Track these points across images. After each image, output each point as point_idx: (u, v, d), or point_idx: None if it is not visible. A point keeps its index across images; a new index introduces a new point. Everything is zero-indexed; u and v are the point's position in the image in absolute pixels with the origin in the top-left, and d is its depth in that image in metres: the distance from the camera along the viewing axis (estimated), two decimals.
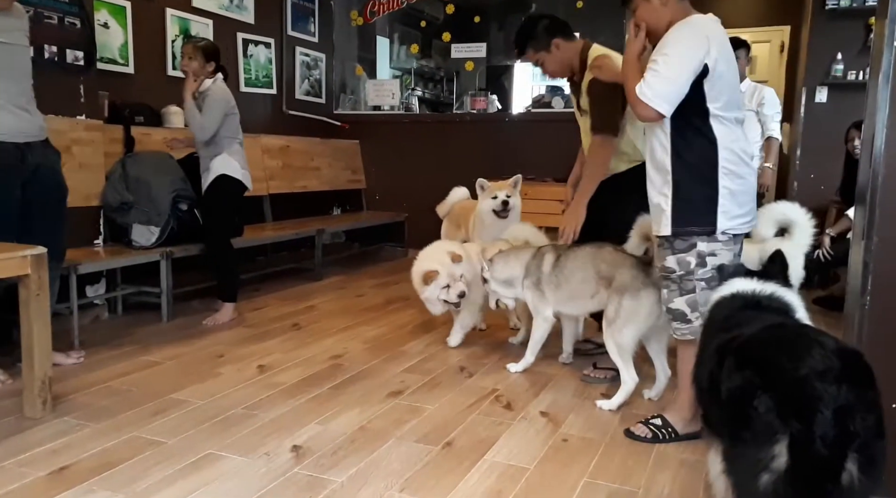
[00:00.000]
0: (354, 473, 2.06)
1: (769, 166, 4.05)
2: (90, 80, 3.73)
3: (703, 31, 2.11)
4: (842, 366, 1.28)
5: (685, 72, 2.07)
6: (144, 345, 3.29)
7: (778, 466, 1.26)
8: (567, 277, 2.79)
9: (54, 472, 2.02)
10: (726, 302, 1.83)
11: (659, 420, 2.37)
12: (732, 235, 2.18)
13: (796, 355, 1.32)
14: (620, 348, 2.58)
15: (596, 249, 2.74)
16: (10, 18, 2.62)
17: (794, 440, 1.25)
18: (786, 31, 7.03)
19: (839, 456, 1.23)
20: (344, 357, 3.19)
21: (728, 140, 2.14)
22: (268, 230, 4.86)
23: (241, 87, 5.18)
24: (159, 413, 2.47)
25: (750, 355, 1.43)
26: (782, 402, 1.28)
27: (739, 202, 2.16)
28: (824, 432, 1.22)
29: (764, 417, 1.29)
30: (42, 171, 2.74)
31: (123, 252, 3.62)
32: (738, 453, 1.36)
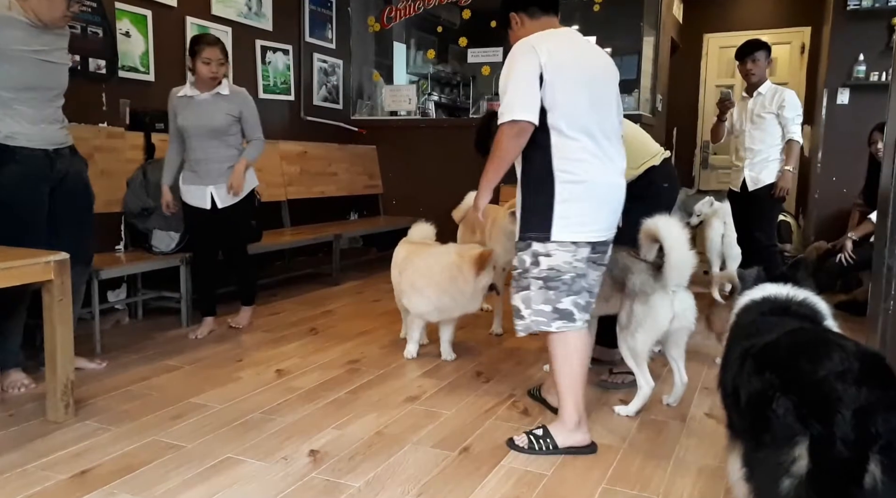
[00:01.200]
0: (371, 477, 2.06)
1: (789, 169, 4.00)
2: (112, 87, 3.79)
3: (530, 42, 2.19)
4: (861, 367, 1.27)
5: (525, 78, 2.14)
6: (164, 349, 3.33)
7: (799, 470, 1.24)
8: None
9: (76, 475, 2.05)
10: (754, 306, 1.79)
11: (541, 431, 2.30)
12: (573, 242, 2.20)
13: (815, 358, 1.30)
14: (634, 353, 2.55)
15: (612, 254, 2.71)
16: (59, 38, 2.69)
17: (815, 442, 1.23)
18: (806, 33, 6.95)
19: (861, 458, 1.21)
20: (361, 362, 3.20)
21: (566, 151, 2.18)
22: (286, 235, 4.89)
23: (260, 93, 5.23)
24: (179, 417, 2.50)
25: (769, 359, 1.41)
26: (802, 403, 1.27)
27: (581, 211, 2.19)
28: (845, 434, 1.20)
29: (783, 419, 1.27)
30: (70, 178, 2.79)
31: (144, 257, 3.66)
32: (759, 458, 1.35)
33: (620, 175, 2.31)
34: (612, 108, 2.32)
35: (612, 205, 2.29)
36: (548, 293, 2.23)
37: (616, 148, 2.31)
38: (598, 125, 2.23)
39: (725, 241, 4.94)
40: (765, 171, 4.05)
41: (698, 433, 2.44)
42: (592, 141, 2.21)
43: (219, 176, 3.46)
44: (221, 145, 3.45)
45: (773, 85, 4.10)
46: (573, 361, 2.26)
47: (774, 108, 4.01)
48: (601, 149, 2.24)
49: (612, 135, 2.30)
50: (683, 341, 2.62)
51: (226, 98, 3.43)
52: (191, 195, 3.49)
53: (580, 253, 2.22)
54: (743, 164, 4.15)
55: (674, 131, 6.90)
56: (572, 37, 2.35)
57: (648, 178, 2.88)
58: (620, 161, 2.33)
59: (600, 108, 2.26)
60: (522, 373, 3.07)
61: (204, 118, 3.38)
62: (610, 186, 2.26)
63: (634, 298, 2.54)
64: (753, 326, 1.68)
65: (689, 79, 7.45)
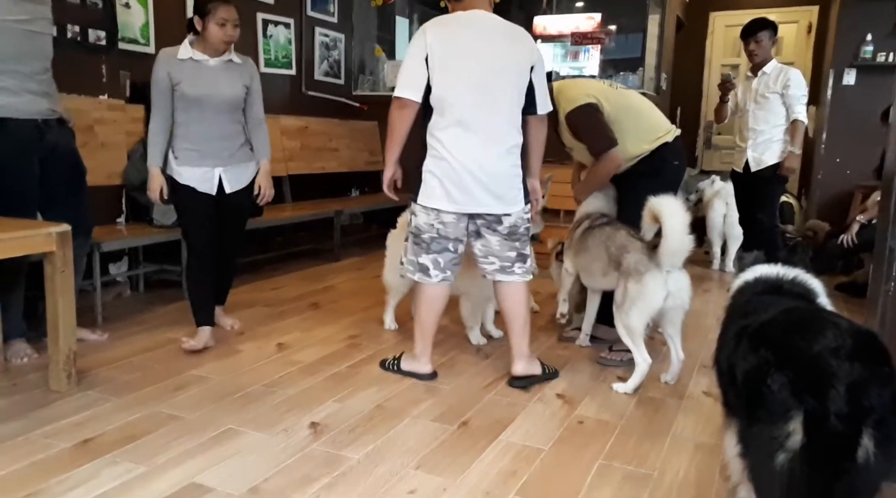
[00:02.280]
0: (371, 450, 2.09)
1: (794, 151, 3.98)
2: (112, 59, 3.76)
3: (424, 26, 2.48)
4: (855, 344, 1.28)
5: (412, 59, 2.44)
6: (166, 322, 3.34)
7: (793, 445, 1.26)
8: (585, 249, 2.89)
9: (79, 443, 2.07)
10: (749, 287, 1.82)
11: (399, 355, 2.79)
12: (434, 208, 2.49)
13: (810, 335, 1.32)
14: (629, 331, 2.59)
15: (612, 231, 2.78)
16: (40, 6, 2.64)
17: (809, 416, 1.25)
18: (814, 12, 6.86)
19: (854, 432, 1.23)
20: (361, 337, 3.21)
21: (435, 128, 2.47)
22: (287, 211, 4.89)
23: (261, 67, 5.18)
24: (180, 389, 2.52)
25: (764, 336, 1.43)
26: (796, 379, 1.29)
27: (441, 183, 2.47)
28: (838, 408, 1.22)
29: (778, 394, 1.29)
30: (60, 149, 2.78)
31: (145, 230, 3.67)
32: (754, 433, 1.37)
33: (490, 158, 2.45)
34: (499, 92, 2.45)
35: (480, 183, 2.44)
36: (414, 247, 2.60)
37: (496, 131, 2.45)
38: (476, 108, 2.41)
39: (727, 222, 4.94)
40: (768, 151, 4.03)
41: (695, 411, 2.46)
42: (465, 122, 2.42)
43: (230, 156, 2.96)
44: (233, 120, 2.99)
45: (778, 64, 4.07)
46: (424, 308, 2.65)
47: (779, 88, 3.98)
48: (474, 130, 2.43)
49: (496, 118, 2.45)
50: (679, 319, 2.65)
51: (238, 67, 2.98)
52: (192, 178, 2.90)
53: (443, 218, 2.50)
54: (746, 145, 4.13)
55: (678, 111, 6.85)
56: (475, 21, 2.48)
57: (661, 154, 2.91)
58: (494, 145, 2.45)
59: (484, 92, 2.42)
60: None
61: (221, 87, 2.90)
62: (476, 165, 2.43)
63: (629, 277, 2.60)
64: (749, 305, 1.70)
65: (694, 58, 7.37)
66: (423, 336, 2.67)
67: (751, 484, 1.47)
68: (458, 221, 2.53)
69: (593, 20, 6.06)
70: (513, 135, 2.50)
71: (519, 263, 2.61)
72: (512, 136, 2.50)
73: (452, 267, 2.62)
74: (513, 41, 2.49)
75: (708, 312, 3.71)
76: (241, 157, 3.02)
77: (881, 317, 1.90)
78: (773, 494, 1.34)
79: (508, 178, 2.50)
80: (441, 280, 2.61)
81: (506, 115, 2.47)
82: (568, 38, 6.10)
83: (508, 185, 2.50)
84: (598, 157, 2.85)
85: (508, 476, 1.96)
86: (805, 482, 1.27)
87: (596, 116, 2.82)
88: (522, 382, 2.64)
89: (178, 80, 2.85)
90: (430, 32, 2.44)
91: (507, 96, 2.46)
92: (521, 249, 2.61)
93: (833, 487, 1.26)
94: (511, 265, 2.61)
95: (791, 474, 1.27)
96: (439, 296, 2.65)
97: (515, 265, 2.61)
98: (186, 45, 2.90)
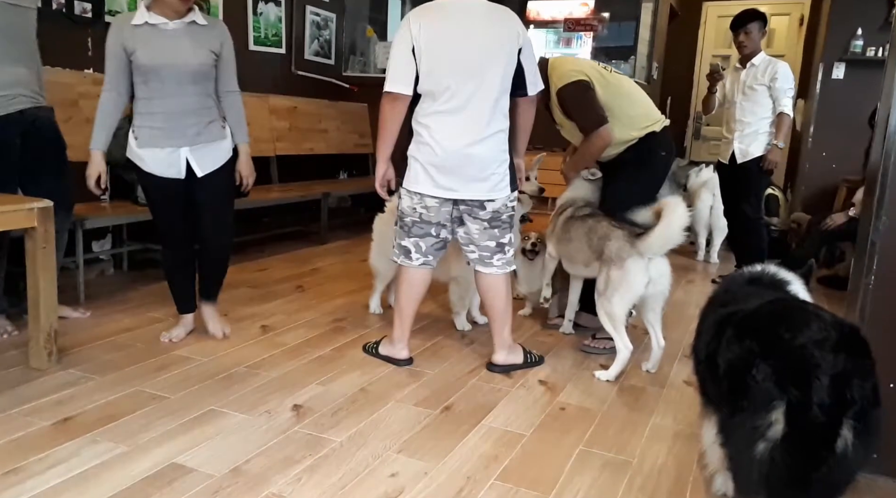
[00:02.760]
0: (354, 432, 2.09)
1: (777, 144, 3.99)
2: (98, 32, 3.68)
3: (408, 16, 2.47)
4: (839, 336, 1.31)
5: (398, 52, 2.43)
6: (149, 301, 3.32)
7: (774, 434, 1.29)
8: (567, 239, 2.90)
9: (59, 422, 2.06)
10: (727, 279, 1.85)
11: (380, 339, 2.81)
12: (417, 193, 2.51)
13: (795, 326, 1.34)
14: (611, 317, 2.61)
15: (594, 223, 2.78)
16: None
17: (792, 407, 1.28)
18: (806, 4, 6.87)
19: (835, 422, 1.26)
20: (346, 320, 3.21)
21: (420, 114, 2.48)
22: (274, 192, 4.85)
23: (251, 45, 5.12)
24: (163, 369, 2.50)
25: (749, 327, 1.44)
26: (780, 369, 1.31)
27: (424, 169, 2.48)
28: (821, 399, 1.25)
29: (762, 384, 1.31)
30: (40, 123, 2.73)
31: (129, 209, 3.63)
32: (736, 423, 1.39)
33: (474, 144, 2.43)
34: (486, 77, 2.41)
35: (464, 168, 2.44)
36: (399, 231, 2.64)
37: (482, 116, 2.43)
38: (462, 94, 2.40)
39: (713, 213, 4.96)
40: (754, 143, 4.04)
41: (676, 400, 2.49)
42: (451, 108, 2.42)
43: (196, 135, 2.60)
44: (200, 93, 2.60)
45: (767, 57, 4.07)
46: (404, 291, 2.67)
47: (767, 80, 3.99)
48: (459, 116, 2.42)
49: (482, 103, 2.42)
50: (660, 306, 2.68)
51: (204, 30, 2.58)
52: (155, 162, 2.58)
53: (426, 202, 2.51)
54: (733, 137, 4.14)
55: (668, 100, 6.85)
56: (459, 7, 2.44)
57: (648, 144, 2.91)
58: (479, 131, 2.43)
59: (469, 78, 2.40)
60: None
61: (182, 55, 2.51)
62: (457, 153, 2.43)
63: (611, 264, 2.61)
64: (727, 295, 1.74)
65: (686, 47, 7.37)
66: (402, 321, 2.68)
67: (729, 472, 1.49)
68: (441, 206, 2.53)
69: (587, 7, 6.04)
70: (499, 120, 2.48)
71: (499, 255, 2.59)
72: (498, 122, 2.48)
73: (434, 252, 2.63)
74: (498, 24, 2.45)
75: (691, 303, 3.74)
76: (210, 135, 2.64)
77: (861, 310, 1.92)
78: (751, 481, 1.36)
79: (494, 163, 2.48)
80: (422, 264, 2.62)
81: (492, 101, 2.44)
82: (561, 24, 6.07)
83: (493, 171, 2.48)
84: (588, 135, 2.83)
85: (490, 461, 1.97)
86: (784, 470, 1.29)
87: (588, 94, 2.80)
88: (501, 369, 2.65)
89: (133, 49, 2.48)
90: (415, 22, 2.41)
91: (493, 81, 2.43)
92: (501, 237, 2.58)
93: (811, 475, 1.29)
94: (490, 256, 2.59)
95: (771, 463, 1.30)
96: (419, 280, 2.65)
97: (495, 257, 2.59)
98: (142, 9, 2.51)
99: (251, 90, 4.95)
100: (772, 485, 1.32)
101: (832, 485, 1.31)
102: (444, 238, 2.62)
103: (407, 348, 2.71)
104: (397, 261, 2.66)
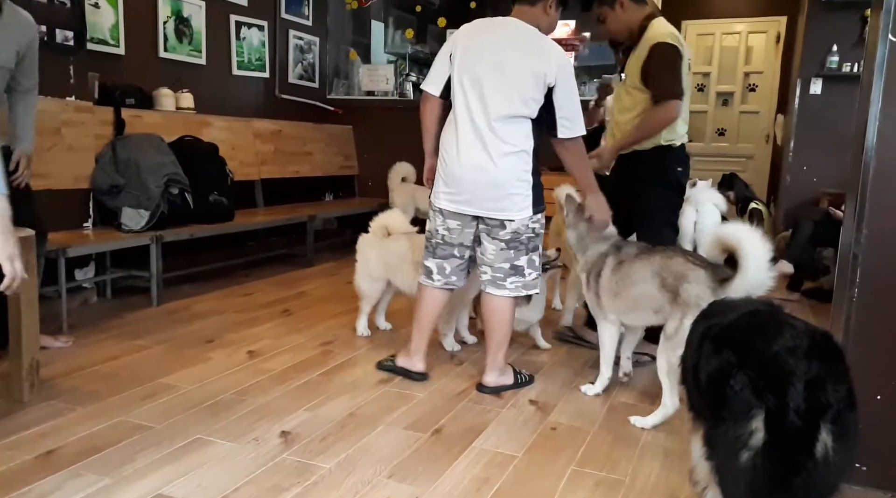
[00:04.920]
0: (343, 459, 2.07)
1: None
2: (80, 60, 3.68)
3: (462, 27, 2.56)
4: (811, 343, 1.34)
5: (439, 57, 2.56)
6: (133, 329, 3.28)
7: (756, 443, 1.32)
8: (631, 283, 2.48)
9: (41, 455, 2.02)
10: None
11: (393, 355, 2.83)
12: (439, 209, 2.57)
13: (769, 336, 1.37)
14: (671, 368, 2.28)
15: (664, 259, 2.40)
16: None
17: (770, 414, 1.30)
18: (782, 22, 7.02)
19: (813, 427, 1.28)
20: (334, 344, 3.19)
21: (446, 130, 2.57)
22: (259, 215, 4.83)
23: (234, 69, 5.13)
24: (147, 398, 2.47)
25: (726, 339, 1.47)
26: (757, 378, 1.33)
27: (444, 183, 2.55)
28: (797, 404, 1.27)
29: (741, 394, 1.34)
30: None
31: (113, 235, 3.59)
32: (719, 434, 1.41)
33: (493, 160, 2.43)
34: (502, 96, 2.41)
35: (478, 185, 2.46)
36: (425, 250, 2.69)
37: (497, 134, 2.42)
38: (477, 111, 2.43)
39: (697, 228, 4.99)
40: None
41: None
42: (466, 124, 2.46)
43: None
44: None
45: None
46: (423, 308, 2.71)
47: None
48: (472, 133, 2.45)
49: (497, 121, 2.42)
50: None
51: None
52: None
53: (448, 224, 2.56)
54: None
55: None
56: (501, 26, 2.50)
57: (668, 158, 2.86)
58: (496, 147, 2.43)
59: (485, 96, 2.43)
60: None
61: None
62: (474, 167, 2.45)
63: (687, 310, 2.24)
64: (711, 307, 1.78)
65: None
66: (420, 334, 2.71)
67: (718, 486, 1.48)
68: (464, 227, 2.55)
69: (568, 27, 6.11)
70: (517, 139, 2.43)
71: (512, 277, 2.54)
72: (516, 141, 2.43)
73: (459, 273, 2.66)
74: (532, 54, 2.42)
75: None
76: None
77: (846, 322, 1.93)
78: (738, 492, 1.37)
79: (510, 183, 2.44)
80: (444, 285, 2.67)
81: (508, 119, 2.41)
82: None
83: (510, 191, 2.45)
84: (658, 103, 2.73)
85: (481, 483, 1.95)
86: (766, 478, 1.32)
87: (678, 61, 2.74)
88: (491, 391, 2.63)
89: None
90: (461, 31, 2.52)
91: (513, 103, 2.40)
92: (516, 259, 2.53)
93: (792, 480, 1.30)
94: (503, 278, 2.54)
95: (753, 471, 1.31)
96: (438, 299, 2.70)
97: (508, 279, 2.54)
98: None
99: (235, 114, 4.97)
100: (756, 493, 1.33)
101: (815, 490, 1.33)
102: (468, 258, 2.63)
103: (423, 362, 2.73)
104: (420, 279, 2.71)
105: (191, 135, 4.28)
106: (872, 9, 1.87)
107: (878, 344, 1.88)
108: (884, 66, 1.79)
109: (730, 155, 7.30)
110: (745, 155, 7.34)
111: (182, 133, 4.24)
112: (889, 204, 1.85)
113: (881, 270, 1.87)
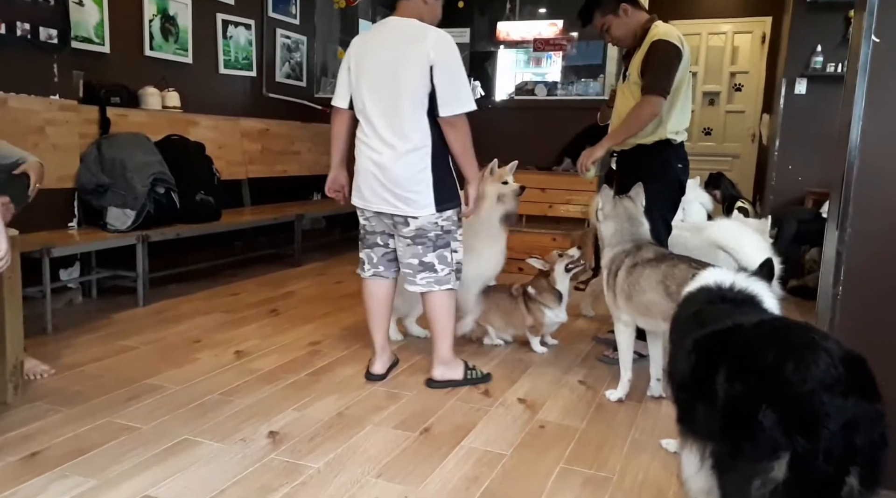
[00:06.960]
0: (331, 458, 2.06)
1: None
2: (64, 59, 3.64)
3: (351, 43, 2.66)
4: (848, 375, 1.22)
5: (340, 71, 2.67)
6: (119, 329, 3.25)
7: (776, 477, 1.21)
8: (640, 290, 2.47)
9: (26, 457, 2.00)
10: (693, 296, 1.72)
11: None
12: (357, 207, 2.67)
13: (803, 365, 1.24)
14: None
15: (668, 268, 2.40)
16: None
17: (797, 456, 1.20)
18: (767, 23, 7.06)
19: (842, 471, 1.19)
20: (322, 343, 3.18)
21: (358, 131, 2.64)
22: (246, 215, 4.81)
23: (221, 69, 5.10)
24: (134, 398, 2.45)
25: (752, 361, 1.33)
26: (788, 418, 1.22)
27: (357, 184, 2.65)
28: (829, 448, 1.18)
29: (769, 432, 1.22)
30: None
31: (98, 235, 3.56)
32: (736, 466, 1.30)
33: (394, 158, 2.48)
34: (397, 94, 2.45)
35: (381, 183, 2.52)
36: (359, 243, 2.76)
37: (395, 133, 2.48)
38: (376, 110, 2.50)
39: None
40: None
41: (654, 415, 2.50)
42: (369, 124, 2.54)
43: None
44: None
45: None
46: (365, 303, 2.76)
47: None
48: (374, 131, 2.52)
49: (394, 119, 2.47)
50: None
51: None
52: None
53: (366, 213, 2.64)
54: None
55: None
56: (387, 27, 2.56)
57: (666, 155, 2.88)
58: (395, 146, 2.48)
59: (383, 95, 2.48)
60: (484, 355, 3.09)
61: None
62: (375, 166, 2.52)
63: None
64: (701, 314, 1.61)
65: None
66: (373, 334, 2.76)
67: None
68: (379, 215, 2.61)
69: (556, 27, 6.14)
70: (415, 137, 2.46)
71: (423, 273, 2.58)
72: (415, 138, 2.46)
73: (387, 263, 2.70)
74: (408, 43, 2.44)
75: None
76: None
77: (830, 321, 1.95)
78: None
79: (412, 181, 2.48)
80: (372, 275, 2.71)
81: (405, 117, 2.45)
82: (530, 45, 6.15)
83: (412, 189, 2.48)
84: (644, 96, 2.76)
85: (470, 482, 1.95)
86: None
87: (675, 62, 2.79)
88: (438, 386, 2.66)
89: None
90: (354, 42, 2.62)
91: (405, 98, 2.44)
92: (423, 255, 2.56)
93: None
94: (413, 274, 2.61)
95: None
96: (374, 291, 2.73)
97: (418, 275, 2.59)
98: None
99: (222, 113, 4.94)
100: None
101: None
102: (393, 248, 2.67)
103: (379, 362, 2.74)
104: (358, 270, 2.78)
105: (177, 134, 4.25)
106: (856, 10, 1.89)
107: (862, 342, 1.90)
108: (867, 66, 1.81)
109: (716, 154, 7.35)
110: (732, 154, 7.39)
111: (168, 132, 4.21)
112: (873, 203, 1.87)
113: (865, 268, 1.89)
